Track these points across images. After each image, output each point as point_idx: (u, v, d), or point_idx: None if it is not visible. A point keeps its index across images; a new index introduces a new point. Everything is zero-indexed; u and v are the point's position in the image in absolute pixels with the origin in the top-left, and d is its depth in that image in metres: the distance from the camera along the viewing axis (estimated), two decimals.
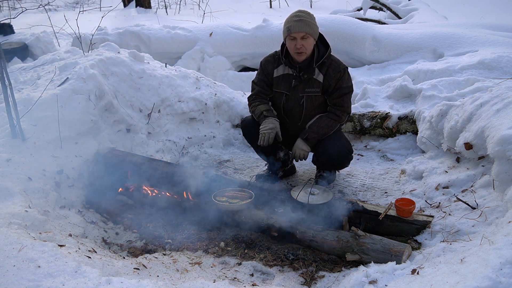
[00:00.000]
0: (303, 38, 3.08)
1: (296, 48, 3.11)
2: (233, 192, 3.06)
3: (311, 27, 3.09)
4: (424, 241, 2.62)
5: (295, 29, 3.06)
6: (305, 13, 3.14)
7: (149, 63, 4.47)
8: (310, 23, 3.09)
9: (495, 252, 1.86)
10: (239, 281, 2.42)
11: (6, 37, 7.40)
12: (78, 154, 3.32)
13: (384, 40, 6.00)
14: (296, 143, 3.31)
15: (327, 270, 2.53)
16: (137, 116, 3.99)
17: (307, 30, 3.06)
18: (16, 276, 1.90)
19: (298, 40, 3.08)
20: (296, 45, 3.10)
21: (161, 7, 13.34)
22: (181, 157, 4.06)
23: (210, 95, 4.44)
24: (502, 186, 2.58)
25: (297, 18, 3.08)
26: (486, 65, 4.63)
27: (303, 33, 3.06)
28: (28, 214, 2.51)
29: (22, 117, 3.11)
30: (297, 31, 3.06)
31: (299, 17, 3.09)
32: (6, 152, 2.98)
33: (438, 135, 3.55)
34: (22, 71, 4.32)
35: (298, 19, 3.08)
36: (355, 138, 4.35)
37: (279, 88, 3.35)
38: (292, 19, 3.10)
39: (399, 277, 2.13)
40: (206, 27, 6.71)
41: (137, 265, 2.38)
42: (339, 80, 3.22)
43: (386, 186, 3.54)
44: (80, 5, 13.93)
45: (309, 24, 3.08)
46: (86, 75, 3.63)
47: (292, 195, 2.97)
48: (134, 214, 3.13)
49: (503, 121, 2.74)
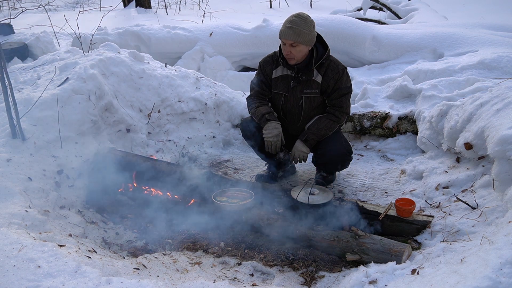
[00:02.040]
0: (292, 45, 3.07)
1: (285, 53, 3.14)
2: (233, 192, 3.07)
3: (301, 36, 3.02)
4: (424, 241, 2.62)
5: (283, 36, 3.07)
6: (301, 20, 3.05)
7: (149, 63, 4.47)
8: (300, 32, 3.01)
9: (495, 252, 1.86)
10: (239, 281, 2.42)
11: (6, 37, 7.39)
12: (78, 154, 3.32)
13: (384, 40, 5.99)
14: (295, 144, 3.31)
15: (327, 270, 2.53)
16: (137, 116, 3.99)
17: (295, 39, 3.03)
18: (16, 276, 1.90)
19: (287, 46, 3.09)
20: (285, 51, 3.12)
21: (161, 7, 13.34)
22: (181, 157, 4.06)
23: (210, 95, 4.44)
24: (502, 186, 2.58)
25: (289, 24, 3.04)
26: (486, 65, 4.63)
27: (290, 41, 3.05)
28: (28, 214, 2.51)
29: (22, 117, 3.11)
30: (285, 38, 3.06)
31: (292, 23, 3.03)
32: (6, 152, 2.98)
33: (438, 135, 3.55)
34: (22, 71, 4.32)
35: (290, 26, 3.03)
36: (355, 138, 4.35)
37: (278, 89, 3.34)
38: (286, 24, 3.08)
39: (399, 277, 2.13)
40: (206, 27, 6.71)
41: (137, 265, 2.38)
42: (338, 81, 3.22)
43: (386, 186, 3.54)
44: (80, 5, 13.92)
45: (299, 33, 3.01)
46: (86, 75, 3.63)
47: (292, 195, 2.97)
48: (134, 214, 3.13)
49: (503, 121, 2.74)
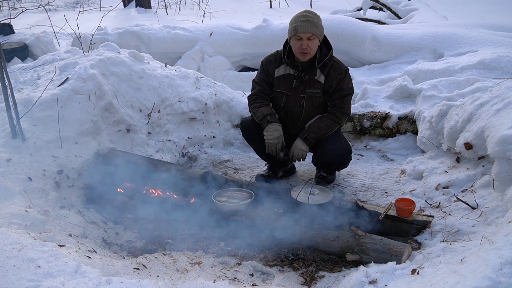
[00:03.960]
0: (309, 39, 3.07)
1: (301, 49, 3.10)
2: (233, 192, 3.07)
3: (318, 28, 3.08)
4: (424, 241, 2.62)
5: (302, 30, 3.05)
6: (312, 14, 3.13)
7: (149, 63, 4.47)
8: (317, 24, 3.08)
9: (495, 252, 1.86)
10: (239, 281, 2.42)
11: (6, 37, 7.40)
12: (78, 154, 3.32)
13: (384, 40, 5.99)
14: (295, 142, 3.31)
15: (327, 270, 2.52)
16: (137, 116, 3.99)
17: (313, 31, 3.05)
18: (16, 276, 1.90)
19: (304, 40, 3.07)
20: (302, 45, 3.09)
21: (161, 7, 13.33)
22: (181, 157, 4.06)
23: (210, 95, 4.44)
24: (502, 186, 2.58)
25: (305, 18, 3.07)
26: (486, 65, 4.63)
27: (309, 33, 3.05)
28: (28, 214, 2.51)
29: (22, 117, 3.11)
30: (304, 32, 3.05)
31: (307, 17, 3.07)
32: (6, 152, 2.98)
33: (438, 135, 3.55)
34: (22, 71, 4.32)
35: (306, 19, 3.06)
36: (355, 138, 4.35)
37: (280, 88, 3.34)
38: (300, 19, 3.08)
39: (399, 277, 2.13)
40: (206, 27, 6.71)
41: (137, 265, 2.38)
42: (340, 82, 3.22)
43: (386, 186, 3.54)
44: (80, 5, 13.93)
45: (316, 25, 3.07)
46: (86, 75, 3.63)
47: (292, 195, 2.97)
48: (134, 214, 3.13)
49: (503, 121, 2.74)
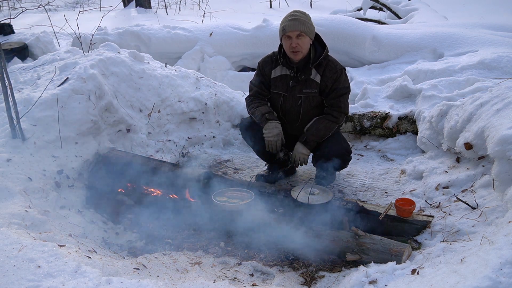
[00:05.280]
0: (298, 37, 3.10)
1: (291, 47, 3.13)
2: (233, 192, 3.07)
3: (306, 25, 3.11)
4: (424, 241, 2.62)
5: (290, 28, 3.09)
6: (300, 13, 3.17)
7: (149, 63, 4.47)
8: (305, 22, 3.11)
9: (495, 252, 1.86)
10: (239, 281, 2.42)
11: (6, 37, 7.38)
12: (78, 154, 3.32)
13: (384, 40, 5.99)
14: (296, 147, 3.31)
15: (327, 270, 2.53)
16: (137, 116, 3.98)
17: (301, 29, 3.09)
18: (16, 276, 1.90)
19: (293, 39, 3.11)
20: (292, 44, 3.12)
21: (161, 7, 13.33)
22: (181, 157, 4.06)
23: (210, 95, 4.44)
24: (502, 186, 2.58)
25: (292, 17, 3.12)
26: (486, 65, 4.62)
27: (297, 31, 3.08)
28: (28, 214, 2.51)
29: (22, 117, 3.11)
30: (292, 30, 3.09)
31: (294, 16, 3.12)
32: (6, 152, 2.97)
33: (438, 135, 3.55)
34: (22, 71, 4.32)
35: (293, 18, 3.11)
36: (355, 138, 4.35)
37: (277, 89, 3.35)
38: (287, 18, 3.14)
39: (399, 277, 2.13)
40: (206, 27, 6.71)
41: (137, 265, 2.38)
42: (336, 81, 3.23)
43: (386, 186, 3.54)
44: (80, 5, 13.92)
45: (304, 23, 3.11)
46: (86, 75, 3.63)
47: (292, 195, 2.97)
48: (134, 214, 3.13)
49: (503, 121, 2.74)
